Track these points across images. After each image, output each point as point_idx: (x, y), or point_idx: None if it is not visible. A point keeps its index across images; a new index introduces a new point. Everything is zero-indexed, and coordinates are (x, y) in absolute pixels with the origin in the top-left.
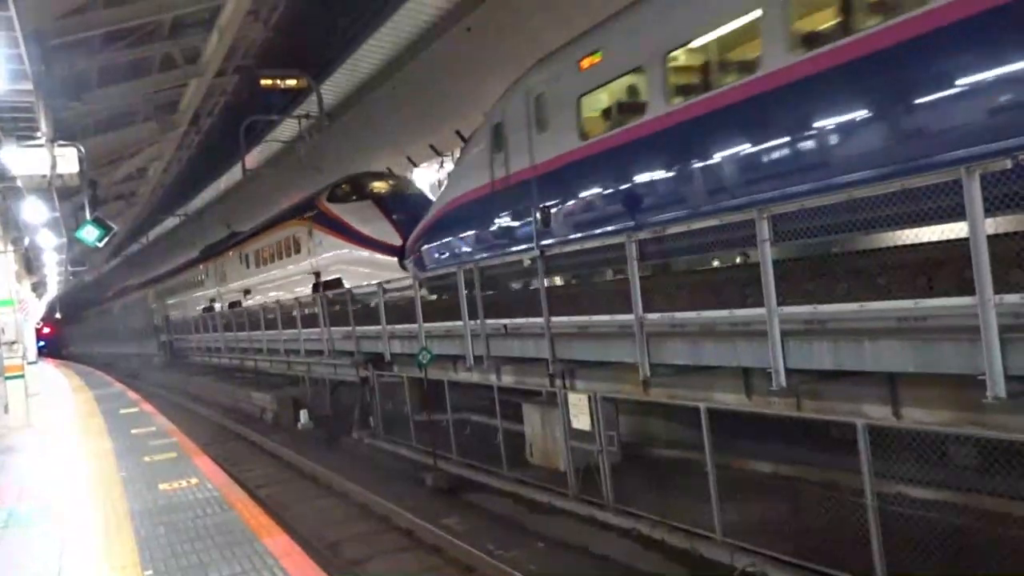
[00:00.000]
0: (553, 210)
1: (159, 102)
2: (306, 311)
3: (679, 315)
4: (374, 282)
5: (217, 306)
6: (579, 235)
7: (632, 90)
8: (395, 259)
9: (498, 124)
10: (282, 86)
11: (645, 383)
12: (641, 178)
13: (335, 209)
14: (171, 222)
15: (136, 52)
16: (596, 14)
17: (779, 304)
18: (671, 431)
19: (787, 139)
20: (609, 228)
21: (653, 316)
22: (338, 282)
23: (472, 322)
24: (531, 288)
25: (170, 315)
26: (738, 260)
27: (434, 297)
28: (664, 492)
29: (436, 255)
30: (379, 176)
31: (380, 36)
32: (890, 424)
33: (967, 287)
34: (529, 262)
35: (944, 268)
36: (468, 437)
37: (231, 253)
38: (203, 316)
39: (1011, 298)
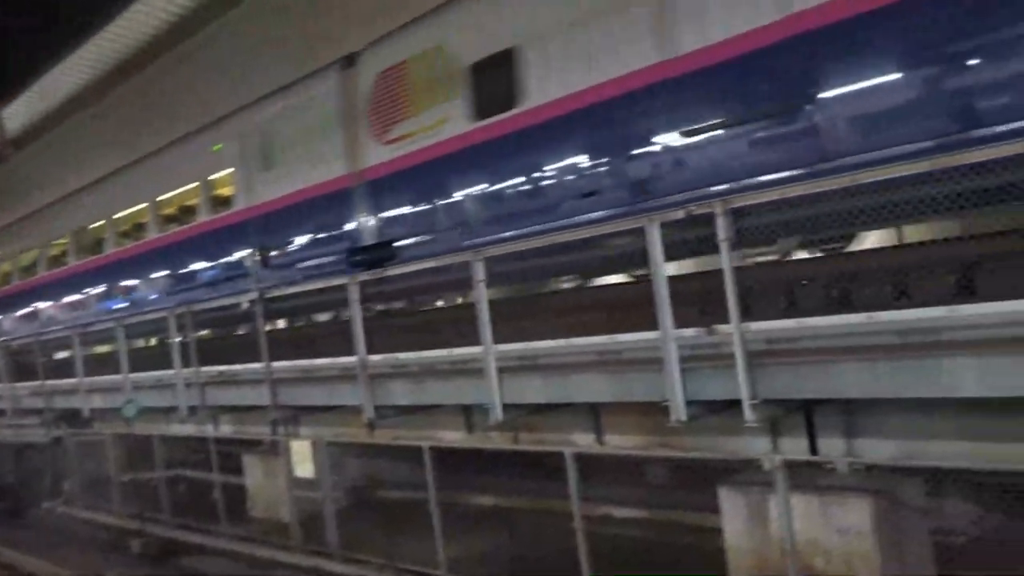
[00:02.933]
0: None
1: None
2: None
3: (401, 356)
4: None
5: None
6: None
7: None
8: None
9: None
10: None
11: (370, 425)
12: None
13: None
14: None
15: None
16: None
17: (495, 342)
18: (400, 471)
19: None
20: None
21: (376, 358)
22: None
23: (185, 370)
24: (251, 332)
25: None
26: (459, 300)
27: (155, 342)
28: (393, 534)
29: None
30: None
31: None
32: (594, 451)
33: (654, 323)
34: (248, 304)
35: (636, 306)
36: (183, 495)
37: None
38: None
39: (688, 332)
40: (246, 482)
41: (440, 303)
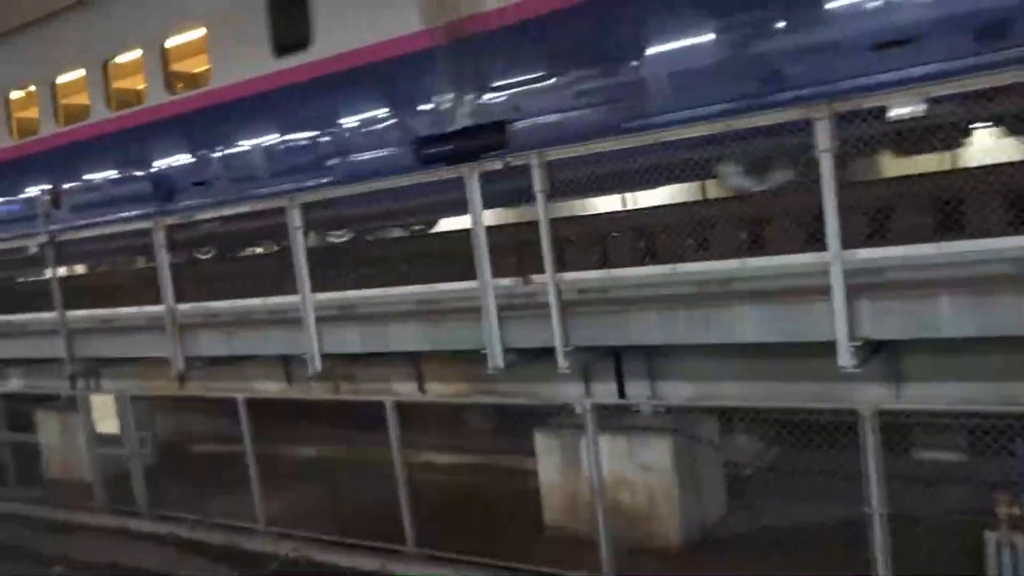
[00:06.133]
0: None
1: None
2: None
3: (213, 304)
4: None
5: None
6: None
7: None
8: None
9: None
10: None
11: (180, 377)
12: None
13: None
14: None
15: None
16: None
17: (314, 291)
18: (213, 425)
19: None
20: None
21: (185, 307)
22: None
23: None
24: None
25: None
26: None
27: None
28: (207, 490)
29: None
30: None
31: None
32: (414, 399)
33: (473, 273)
34: (37, 248)
35: (457, 256)
36: None
37: None
38: None
39: (505, 282)
40: (40, 440)
41: (259, 250)
